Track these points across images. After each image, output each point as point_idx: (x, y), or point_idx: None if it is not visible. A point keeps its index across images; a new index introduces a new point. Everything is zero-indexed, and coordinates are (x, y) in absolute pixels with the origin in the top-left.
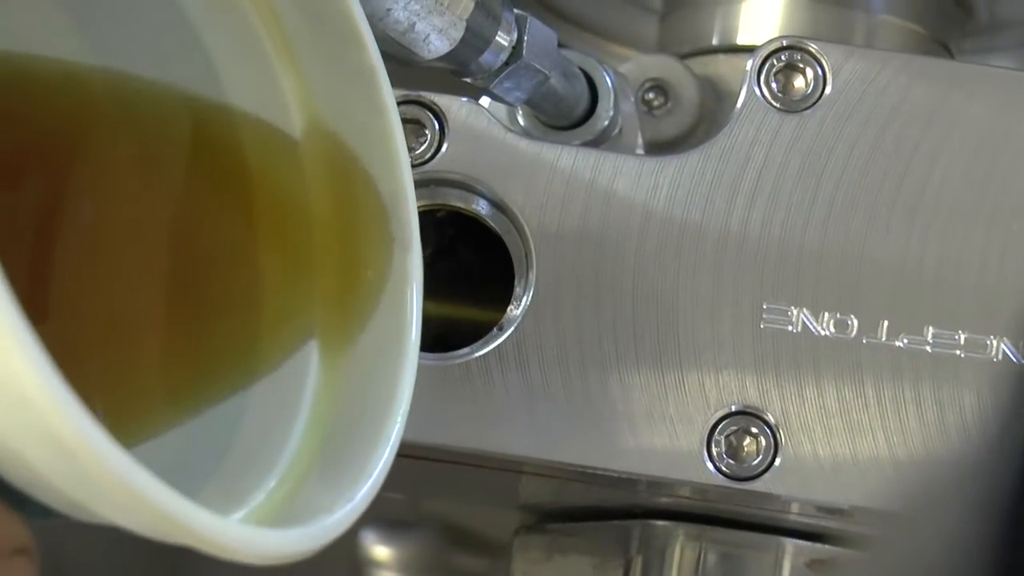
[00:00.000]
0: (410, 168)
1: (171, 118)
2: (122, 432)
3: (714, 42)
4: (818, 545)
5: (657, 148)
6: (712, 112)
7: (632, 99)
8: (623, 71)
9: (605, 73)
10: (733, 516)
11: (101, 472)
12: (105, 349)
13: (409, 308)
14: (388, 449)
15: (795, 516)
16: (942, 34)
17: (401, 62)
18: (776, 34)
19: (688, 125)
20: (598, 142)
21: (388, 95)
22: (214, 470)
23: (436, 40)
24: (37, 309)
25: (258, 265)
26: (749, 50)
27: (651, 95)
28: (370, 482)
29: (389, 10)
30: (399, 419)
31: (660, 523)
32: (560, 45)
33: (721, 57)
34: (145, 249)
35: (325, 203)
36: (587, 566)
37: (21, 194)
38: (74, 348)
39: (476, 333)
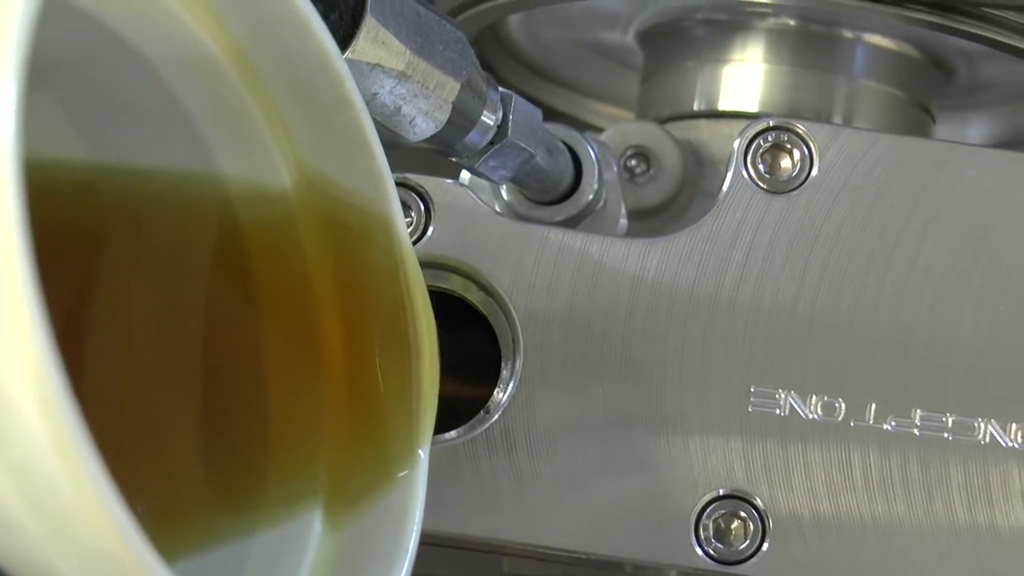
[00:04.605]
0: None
1: (174, 208)
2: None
3: (695, 107)
4: None
5: (640, 216)
6: (694, 178)
7: (615, 168)
8: (604, 138)
9: (589, 147)
10: None
11: None
12: (134, 460)
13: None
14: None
15: None
16: (922, 97)
17: (385, 144)
18: (758, 99)
19: (671, 192)
20: (583, 216)
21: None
22: None
23: (422, 123)
24: None
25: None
26: (731, 116)
27: (633, 162)
28: None
29: (375, 94)
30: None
31: None
32: (544, 113)
33: (703, 122)
34: (165, 361)
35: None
36: None
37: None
38: (109, 457)
39: (463, 409)
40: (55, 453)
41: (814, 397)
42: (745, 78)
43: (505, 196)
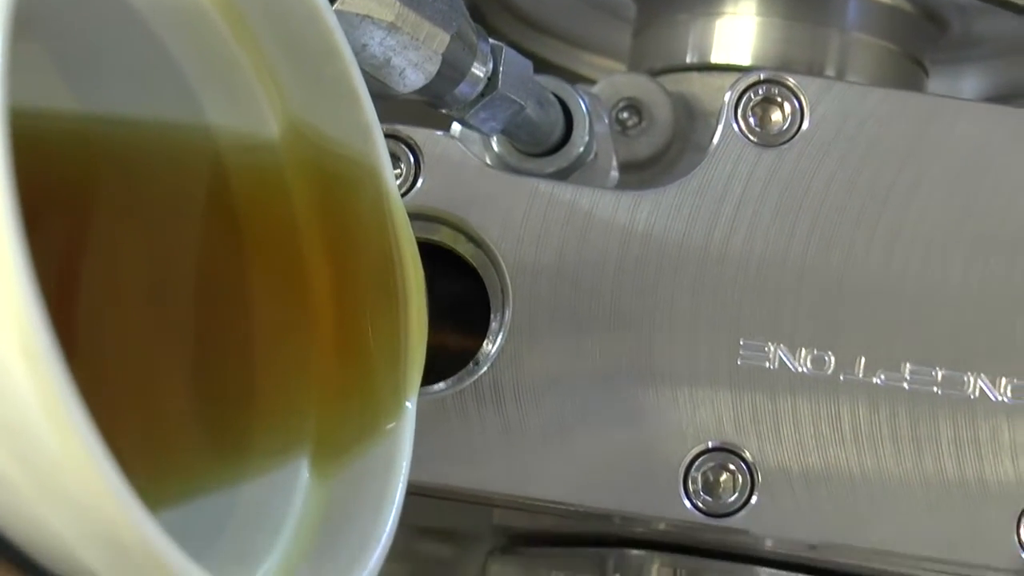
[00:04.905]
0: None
1: (164, 158)
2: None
3: (688, 60)
4: (792, 575)
5: (630, 168)
6: (685, 131)
7: (606, 120)
8: (596, 91)
9: (580, 99)
10: (708, 546)
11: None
12: (129, 410)
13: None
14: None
15: (770, 545)
16: (915, 51)
17: (375, 95)
18: (750, 52)
19: (662, 145)
20: (573, 168)
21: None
22: (202, 558)
23: (412, 74)
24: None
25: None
26: (723, 69)
27: (625, 114)
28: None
29: (365, 45)
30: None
31: (635, 552)
32: (536, 65)
33: (695, 75)
34: (153, 310)
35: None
36: None
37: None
38: (100, 405)
39: (451, 361)
40: (42, 409)
41: (804, 350)
42: (738, 31)
43: (495, 148)
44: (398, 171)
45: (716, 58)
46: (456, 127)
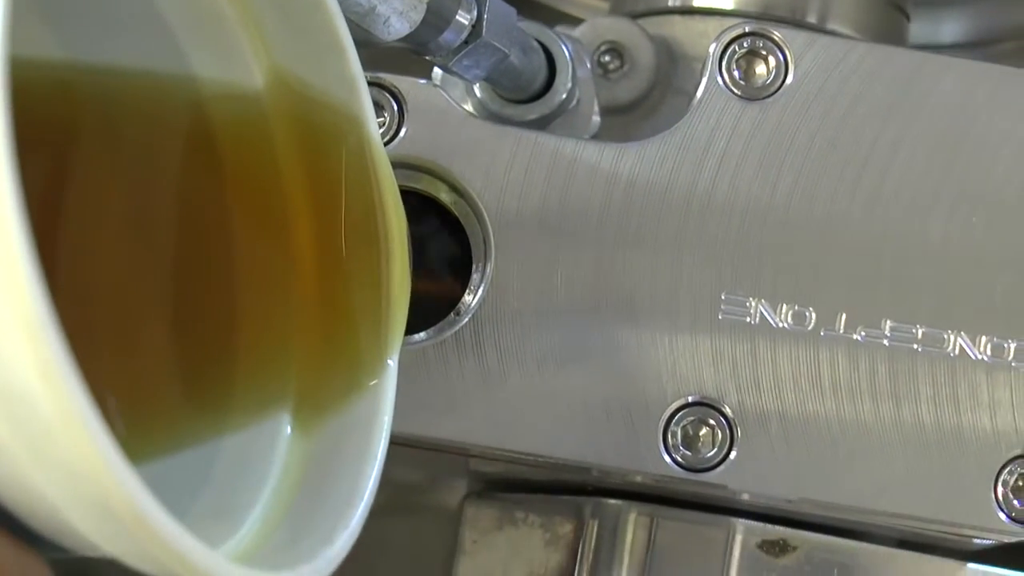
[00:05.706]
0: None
1: (148, 107)
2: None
3: (670, 3)
4: (769, 526)
5: (612, 112)
6: (667, 75)
7: (588, 64)
8: (578, 34)
9: (563, 46)
10: (685, 497)
11: (154, 542)
12: (107, 360)
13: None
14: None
15: (748, 498)
16: None
17: (358, 43)
18: None
19: (643, 89)
20: (556, 114)
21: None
22: (185, 513)
23: (396, 22)
24: None
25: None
26: (705, 12)
27: (607, 58)
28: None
29: None
30: (378, 458)
31: (612, 501)
32: (519, 3)
33: (677, 19)
34: (137, 261)
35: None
36: (538, 539)
37: None
38: (85, 359)
39: (432, 309)
40: (39, 377)
41: (784, 306)
42: None
43: (478, 93)
44: (381, 120)
45: (698, 1)
46: (437, 72)
